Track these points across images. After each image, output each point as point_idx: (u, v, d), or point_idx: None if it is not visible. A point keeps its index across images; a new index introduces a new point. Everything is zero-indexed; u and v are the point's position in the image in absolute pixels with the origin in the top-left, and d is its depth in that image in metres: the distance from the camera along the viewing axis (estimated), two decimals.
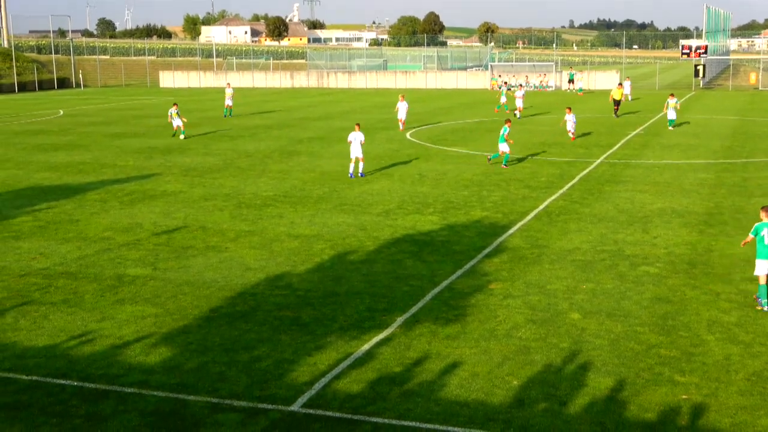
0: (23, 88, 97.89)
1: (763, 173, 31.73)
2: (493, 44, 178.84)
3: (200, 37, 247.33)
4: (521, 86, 62.33)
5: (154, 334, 14.97)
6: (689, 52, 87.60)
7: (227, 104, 58.33)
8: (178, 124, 45.41)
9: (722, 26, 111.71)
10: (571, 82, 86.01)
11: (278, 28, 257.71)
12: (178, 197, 28.13)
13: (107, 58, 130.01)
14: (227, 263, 19.67)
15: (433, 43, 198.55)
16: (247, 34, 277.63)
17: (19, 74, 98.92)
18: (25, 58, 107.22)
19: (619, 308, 16.12)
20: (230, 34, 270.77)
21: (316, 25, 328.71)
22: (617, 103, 55.44)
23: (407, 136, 45.42)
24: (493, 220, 24.08)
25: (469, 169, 33.34)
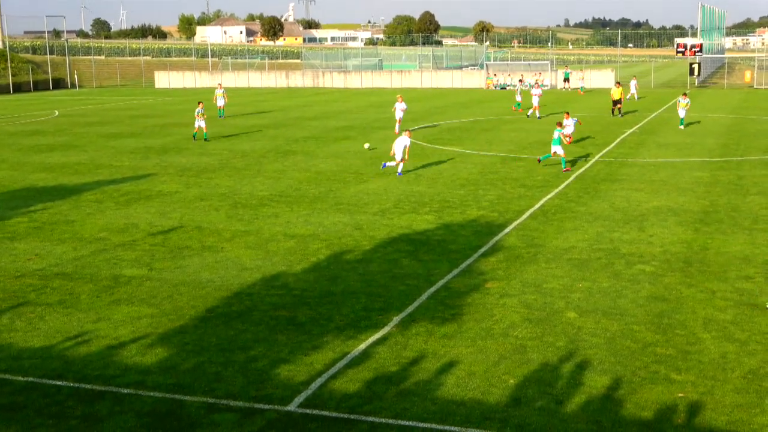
0: (18, 89, 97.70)
1: (758, 171, 31.79)
2: (488, 43, 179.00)
3: (195, 37, 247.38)
4: (537, 84, 60.60)
5: (150, 334, 14.95)
6: (684, 50, 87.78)
7: (219, 105, 57.75)
8: (200, 124, 44.09)
9: (717, 24, 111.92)
10: (566, 80, 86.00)
11: (273, 27, 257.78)
12: (173, 197, 28.10)
13: (102, 58, 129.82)
14: (223, 263, 19.66)
15: (428, 42, 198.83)
16: (242, 33, 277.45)
17: (14, 75, 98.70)
18: (20, 58, 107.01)
19: (615, 307, 16.14)
20: (225, 34, 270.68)
21: (311, 24, 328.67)
22: (616, 102, 55.07)
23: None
24: (489, 219, 24.09)
25: (464, 168, 33.35)
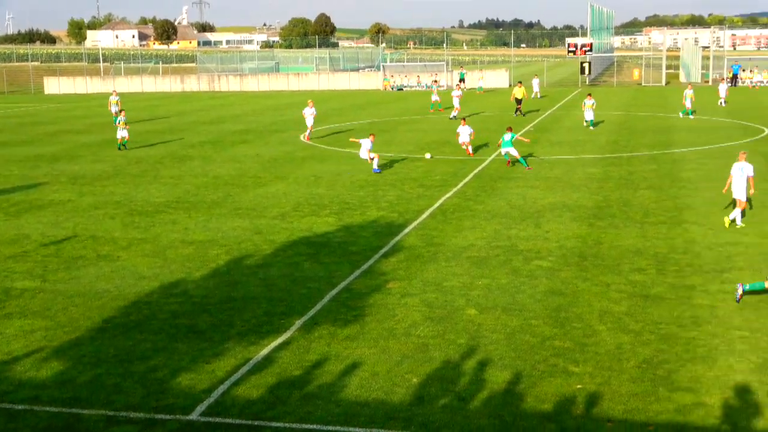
0: None
1: (647, 166, 32.77)
2: (384, 45, 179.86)
3: (86, 41, 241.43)
4: (458, 86, 61.89)
5: (44, 347, 14.51)
6: (575, 49, 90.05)
7: (113, 111, 56.09)
8: (123, 135, 41.65)
9: (606, 24, 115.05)
10: (462, 81, 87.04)
11: (167, 31, 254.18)
12: (66, 206, 27.35)
13: None
14: (120, 272, 19.23)
15: (324, 44, 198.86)
16: (134, 38, 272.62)
17: None
18: None
19: (514, 302, 16.41)
20: (117, 38, 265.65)
21: (205, 27, 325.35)
22: (519, 101, 55.81)
23: (301, 138, 45.22)
24: (389, 219, 24.20)
25: (364, 169, 33.41)
